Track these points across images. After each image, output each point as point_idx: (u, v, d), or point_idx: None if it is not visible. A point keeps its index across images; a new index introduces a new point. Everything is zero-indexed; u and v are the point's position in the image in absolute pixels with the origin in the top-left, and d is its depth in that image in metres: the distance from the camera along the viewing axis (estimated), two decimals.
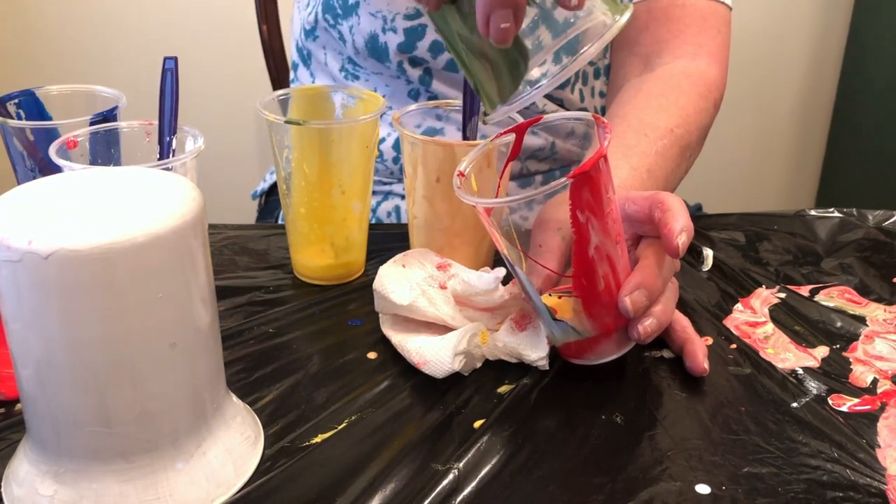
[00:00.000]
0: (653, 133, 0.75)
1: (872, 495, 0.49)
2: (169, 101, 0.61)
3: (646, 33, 0.89)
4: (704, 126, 0.83)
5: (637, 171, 0.71)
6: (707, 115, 0.83)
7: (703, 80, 0.84)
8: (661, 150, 0.74)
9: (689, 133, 0.79)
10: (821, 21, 1.86)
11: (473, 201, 0.53)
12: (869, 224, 0.81)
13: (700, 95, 0.83)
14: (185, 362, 0.46)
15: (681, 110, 0.79)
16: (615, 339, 0.56)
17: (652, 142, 0.74)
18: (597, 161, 0.50)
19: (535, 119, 0.60)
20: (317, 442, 0.52)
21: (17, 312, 0.43)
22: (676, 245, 0.53)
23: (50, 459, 0.46)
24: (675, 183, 0.79)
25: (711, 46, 0.88)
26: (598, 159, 0.50)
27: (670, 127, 0.77)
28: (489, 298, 0.60)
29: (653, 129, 0.76)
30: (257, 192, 1.12)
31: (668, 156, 0.75)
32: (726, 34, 0.90)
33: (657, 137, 0.75)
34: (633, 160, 0.72)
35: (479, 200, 0.54)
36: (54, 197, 0.45)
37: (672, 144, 0.76)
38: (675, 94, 0.81)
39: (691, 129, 0.79)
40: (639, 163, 0.72)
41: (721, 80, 0.87)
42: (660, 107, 0.80)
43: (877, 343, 0.64)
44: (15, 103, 0.66)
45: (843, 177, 1.92)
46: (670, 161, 0.75)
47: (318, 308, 0.67)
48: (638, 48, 0.90)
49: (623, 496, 0.48)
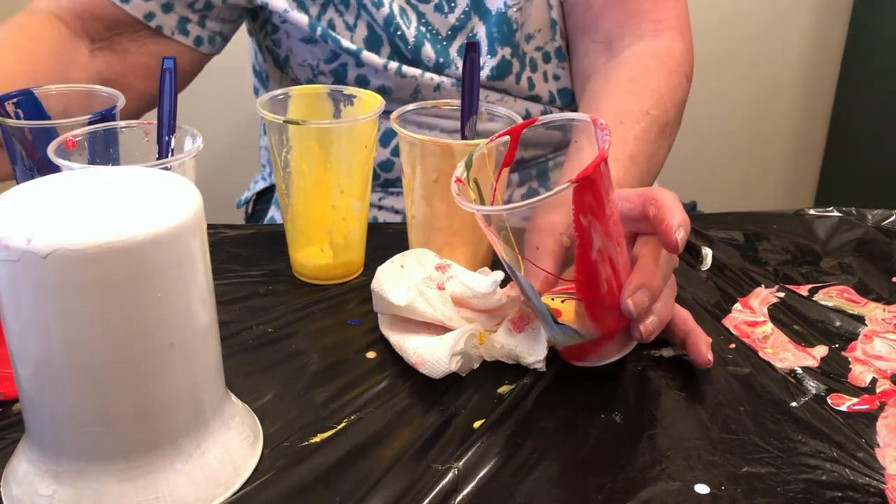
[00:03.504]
0: (628, 119, 0.75)
1: (871, 495, 0.49)
2: (167, 101, 0.61)
3: (602, 19, 0.89)
4: (680, 101, 0.83)
5: (619, 161, 0.72)
6: (681, 91, 0.83)
7: (670, 57, 0.84)
8: (639, 134, 0.75)
9: (665, 112, 0.79)
10: (820, 20, 1.86)
11: (473, 209, 0.53)
12: (868, 223, 0.81)
13: (670, 72, 0.83)
14: (185, 362, 0.46)
15: (653, 91, 0.79)
16: (617, 340, 0.56)
17: (629, 128, 0.74)
18: (598, 164, 0.50)
19: (530, 121, 0.59)
20: (316, 442, 0.52)
21: (16, 312, 0.43)
22: (675, 241, 0.53)
23: (49, 459, 0.46)
24: (658, 164, 0.79)
25: (671, 19, 0.87)
26: (600, 162, 0.50)
27: (645, 109, 0.77)
28: (487, 301, 0.60)
29: (627, 114, 0.76)
30: (241, 202, 1.12)
31: (647, 138, 0.75)
32: (683, 2, 0.89)
33: (634, 122, 0.75)
34: (614, 150, 0.72)
35: (479, 208, 0.53)
36: (53, 197, 0.45)
37: (650, 126, 0.76)
38: (644, 77, 0.81)
39: (667, 108, 0.79)
40: (619, 151, 0.72)
41: (688, 52, 0.87)
42: (631, 91, 0.80)
43: (876, 342, 0.64)
44: (13, 103, 0.66)
45: (842, 176, 1.92)
46: (651, 143, 0.76)
47: (317, 307, 0.67)
48: (598, 35, 0.90)
49: (622, 496, 0.48)
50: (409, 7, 0.87)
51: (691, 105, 0.87)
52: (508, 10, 0.86)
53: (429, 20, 0.87)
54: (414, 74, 0.87)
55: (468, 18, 0.88)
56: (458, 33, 0.88)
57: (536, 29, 0.91)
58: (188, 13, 0.88)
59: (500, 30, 0.87)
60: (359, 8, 0.86)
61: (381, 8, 0.85)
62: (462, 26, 0.88)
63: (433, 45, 0.87)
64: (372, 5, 0.85)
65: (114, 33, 0.88)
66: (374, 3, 0.85)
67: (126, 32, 0.88)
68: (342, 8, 0.87)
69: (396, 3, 0.86)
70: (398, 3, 0.86)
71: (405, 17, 0.86)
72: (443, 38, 0.88)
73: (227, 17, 0.92)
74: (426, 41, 0.87)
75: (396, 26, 0.86)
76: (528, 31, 0.90)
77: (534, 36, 0.91)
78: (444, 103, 0.72)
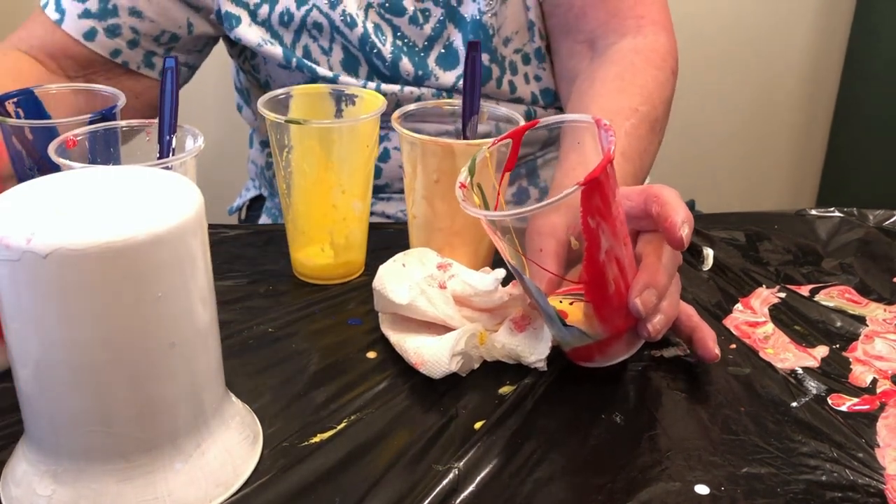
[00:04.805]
0: (618, 116, 0.75)
1: (871, 495, 0.49)
2: (168, 101, 0.61)
3: (584, 19, 0.88)
4: (667, 98, 0.83)
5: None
6: (668, 86, 0.83)
7: (655, 53, 0.84)
8: (629, 131, 0.75)
9: (654, 108, 0.79)
10: (822, 20, 1.86)
11: (480, 214, 0.53)
12: (869, 224, 0.81)
13: (656, 68, 0.82)
14: (185, 362, 0.46)
15: (640, 88, 0.79)
16: (625, 340, 0.56)
17: (619, 125, 0.74)
18: (605, 167, 0.50)
19: (531, 123, 0.59)
20: (316, 442, 0.52)
21: (16, 312, 0.43)
22: (680, 237, 0.53)
23: (48, 459, 0.46)
24: (649, 160, 0.79)
25: (653, 14, 0.87)
26: (607, 164, 0.50)
27: (634, 106, 0.77)
28: (489, 299, 0.60)
29: (616, 112, 0.76)
30: (233, 209, 1.12)
31: (637, 135, 0.75)
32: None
33: (623, 119, 0.75)
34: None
35: (486, 213, 0.53)
36: (53, 196, 0.45)
37: (640, 123, 0.76)
38: (630, 74, 0.81)
39: (655, 104, 0.79)
40: None
41: (672, 46, 0.87)
42: (619, 89, 0.80)
43: (876, 343, 0.64)
44: (14, 102, 0.66)
45: (843, 177, 1.92)
46: (642, 140, 0.76)
47: (317, 307, 0.67)
48: (580, 35, 0.89)
49: (623, 496, 0.48)
50: (383, 22, 0.86)
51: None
52: (483, 15, 0.86)
53: (404, 33, 0.87)
54: (393, 91, 0.87)
55: (443, 27, 0.87)
56: (434, 43, 0.88)
57: (514, 31, 0.90)
58: (154, 47, 0.89)
59: (477, 36, 0.86)
60: (332, 31, 0.86)
61: (355, 28, 0.85)
62: (438, 36, 0.87)
63: (410, 58, 0.87)
64: (345, 26, 0.85)
65: (88, 71, 0.88)
66: (348, 23, 0.85)
67: (100, 70, 0.89)
68: (315, 33, 0.86)
69: (370, 21, 0.86)
70: (372, 20, 0.86)
71: (380, 34, 0.86)
72: (419, 49, 0.87)
73: (193, 48, 0.93)
74: (403, 55, 0.87)
75: (372, 45, 0.86)
76: (505, 35, 0.90)
77: (511, 39, 0.91)
78: (445, 103, 0.72)
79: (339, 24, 0.85)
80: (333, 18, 0.85)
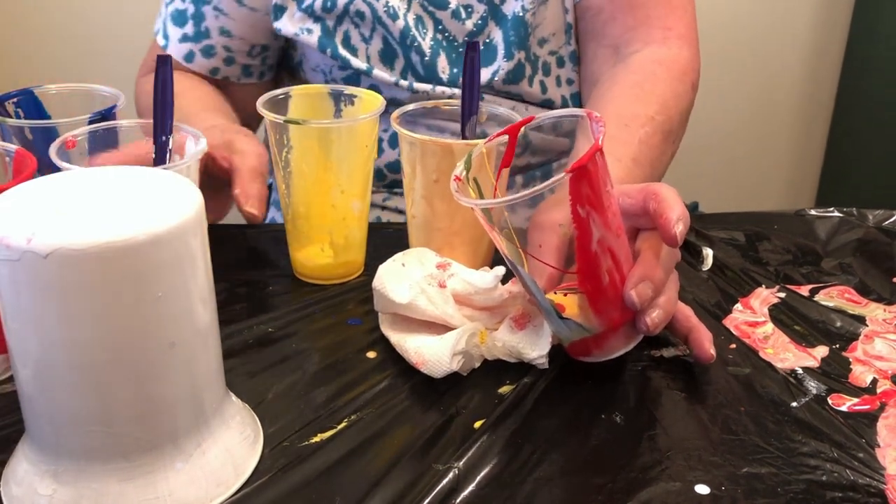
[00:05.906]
0: (633, 122, 0.75)
1: (872, 495, 0.49)
2: (162, 101, 0.61)
3: (612, 24, 0.89)
4: (684, 110, 0.83)
5: (622, 162, 0.72)
6: (686, 99, 0.84)
7: (676, 65, 0.85)
8: (644, 139, 0.75)
9: (670, 119, 0.79)
10: (821, 20, 1.86)
11: (471, 203, 0.53)
12: (869, 224, 0.81)
13: (676, 80, 0.83)
14: (185, 362, 0.46)
15: (658, 97, 0.80)
16: (622, 334, 0.56)
17: (633, 131, 0.74)
18: (593, 154, 0.50)
19: (527, 119, 0.59)
20: (316, 442, 0.52)
21: (16, 312, 0.43)
22: (674, 234, 0.53)
23: (49, 459, 0.46)
24: (661, 169, 0.79)
25: (680, 28, 0.88)
26: (595, 153, 0.50)
27: (650, 115, 0.77)
28: (489, 297, 0.60)
29: (633, 118, 0.76)
30: None
31: (651, 143, 0.75)
32: (692, 12, 0.90)
33: (638, 126, 0.75)
34: (617, 151, 0.72)
35: (477, 202, 0.54)
36: (53, 196, 0.45)
37: (654, 132, 0.76)
38: (650, 83, 0.82)
39: (672, 115, 0.80)
40: (623, 153, 0.72)
41: (695, 61, 0.88)
42: (637, 97, 0.80)
43: (876, 343, 0.64)
44: (13, 102, 0.66)
45: (843, 176, 1.92)
46: (654, 148, 0.76)
47: (317, 307, 0.67)
48: (606, 40, 0.90)
49: (623, 496, 0.48)
50: (425, 15, 0.87)
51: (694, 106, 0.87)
52: (526, 13, 0.86)
53: (446, 27, 0.87)
54: (426, 90, 0.88)
55: (485, 24, 0.88)
56: (474, 39, 0.88)
57: (551, 33, 0.91)
58: (248, 60, 0.93)
59: (518, 33, 0.87)
60: (374, 21, 0.86)
61: (397, 20, 0.85)
62: (479, 32, 0.88)
63: (448, 54, 0.87)
64: (388, 17, 0.85)
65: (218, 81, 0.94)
66: (390, 14, 0.85)
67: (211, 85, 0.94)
68: (357, 20, 0.87)
69: (412, 13, 0.86)
70: (414, 12, 0.86)
71: (421, 27, 0.86)
72: (459, 44, 0.88)
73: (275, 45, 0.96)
74: (441, 50, 0.87)
75: (412, 38, 0.86)
76: (542, 35, 0.90)
77: (548, 40, 0.91)
78: (445, 103, 0.72)
79: (382, 15, 0.85)
80: (376, 8, 0.85)
